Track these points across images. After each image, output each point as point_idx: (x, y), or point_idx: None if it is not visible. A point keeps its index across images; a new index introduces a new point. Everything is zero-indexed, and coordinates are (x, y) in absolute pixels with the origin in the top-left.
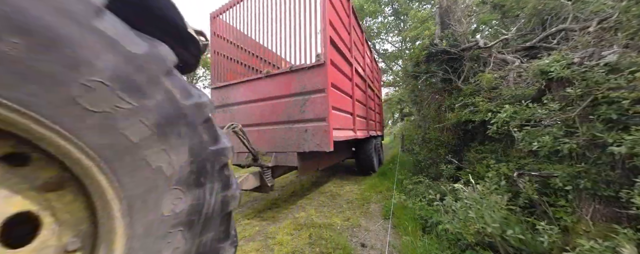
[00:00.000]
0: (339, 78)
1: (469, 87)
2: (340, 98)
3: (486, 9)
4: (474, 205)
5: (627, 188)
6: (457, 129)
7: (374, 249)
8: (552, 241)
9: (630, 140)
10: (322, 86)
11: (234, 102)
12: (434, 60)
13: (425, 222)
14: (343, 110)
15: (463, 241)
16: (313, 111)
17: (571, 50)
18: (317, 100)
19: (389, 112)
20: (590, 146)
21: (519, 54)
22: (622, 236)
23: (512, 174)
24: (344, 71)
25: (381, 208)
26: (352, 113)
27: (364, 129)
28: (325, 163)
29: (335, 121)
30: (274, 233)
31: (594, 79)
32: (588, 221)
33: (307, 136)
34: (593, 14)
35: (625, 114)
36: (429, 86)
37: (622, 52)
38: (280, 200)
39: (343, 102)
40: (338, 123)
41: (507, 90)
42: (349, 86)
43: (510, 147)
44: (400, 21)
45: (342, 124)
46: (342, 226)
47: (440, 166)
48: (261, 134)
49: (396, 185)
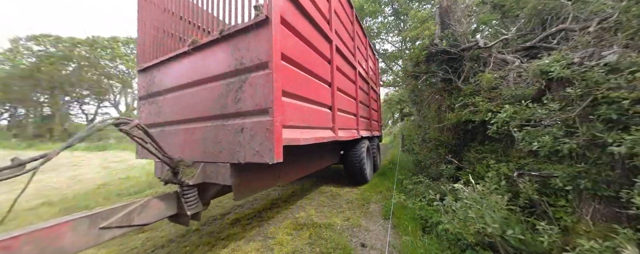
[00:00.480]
0: (298, 48)
1: (469, 87)
2: (301, 80)
3: (486, 9)
4: (474, 205)
5: (627, 188)
6: (457, 129)
7: (374, 249)
8: (552, 241)
9: (630, 140)
10: (264, 57)
11: (160, 90)
12: (434, 60)
13: (425, 222)
14: (310, 100)
15: (463, 241)
16: (251, 99)
17: (571, 50)
18: (257, 80)
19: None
20: (590, 146)
21: (519, 54)
22: (622, 236)
23: (512, 174)
24: (311, 40)
25: (381, 208)
26: (331, 106)
27: (352, 129)
28: (292, 174)
29: (289, 115)
30: (274, 233)
31: (594, 79)
32: (588, 221)
33: (244, 138)
34: (593, 14)
35: (625, 114)
36: (429, 85)
37: (622, 52)
38: (280, 200)
39: (309, 87)
40: (296, 118)
41: (507, 90)
42: (323, 67)
43: (510, 147)
44: (400, 21)
45: (306, 119)
46: (342, 226)
47: (440, 166)
48: (190, 135)
49: (396, 185)
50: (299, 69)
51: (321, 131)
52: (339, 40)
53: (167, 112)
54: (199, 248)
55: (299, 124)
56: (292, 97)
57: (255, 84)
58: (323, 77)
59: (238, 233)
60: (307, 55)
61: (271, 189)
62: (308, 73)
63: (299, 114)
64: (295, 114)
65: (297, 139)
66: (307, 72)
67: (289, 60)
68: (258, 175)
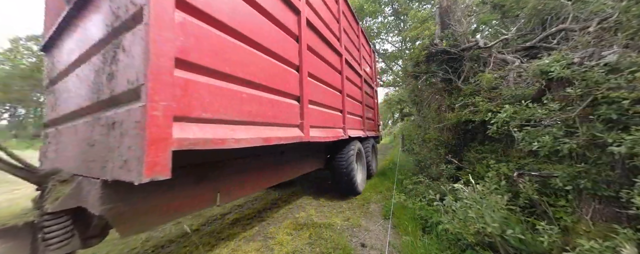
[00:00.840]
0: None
1: (469, 87)
2: (232, 49)
3: (486, 9)
4: (474, 205)
5: (627, 188)
6: (457, 129)
7: (374, 249)
8: (552, 241)
9: (630, 140)
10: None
11: (56, 74)
12: (434, 60)
13: (425, 222)
14: (252, 83)
15: (463, 241)
16: (123, 73)
17: (571, 50)
18: (130, 42)
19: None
20: (590, 146)
21: (519, 54)
22: (622, 236)
23: (512, 174)
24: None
25: (381, 208)
26: (300, 97)
27: (336, 127)
28: (246, 187)
29: (198, 100)
30: (274, 233)
31: (594, 79)
32: (588, 221)
33: (114, 139)
34: (593, 14)
35: (625, 114)
36: (429, 85)
37: (622, 52)
38: (280, 200)
39: (254, 63)
40: (220, 106)
41: (507, 90)
42: (284, 41)
43: (510, 147)
44: (400, 21)
45: (243, 111)
46: (342, 226)
47: (440, 166)
48: (73, 135)
49: (396, 185)
50: (222, 31)
51: (277, 128)
52: (309, 6)
53: (60, 104)
54: (199, 248)
55: (227, 117)
56: (207, 73)
57: (129, 50)
58: (282, 55)
59: (238, 233)
60: (236, 5)
61: (271, 190)
62: (243, 40)
63: (226, 101)
64: (218, 100)
65: (220, 141)
66: (244, 39)
67: (193, 9)
68: (161, 197)
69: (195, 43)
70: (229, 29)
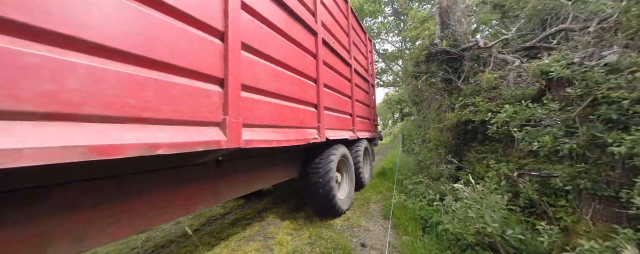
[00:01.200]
0: None
1: (469, 87)
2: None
3: (486, 9)
4: (474, 205)
5: (627, 188)
6: (457, 129)
7: (374, 249)
8: (552, 241)
9: (630, 140)
10: None
11: None
12: (434, 60)
13: (425, 222)
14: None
15: (463, 241)
16: None
17: (571, 50)
18: None
19: (389, 112)
20: (590, 146)
21: (519, 54)
22: (622, 236)
23: (512, 174)
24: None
25: (381, 208)
26: (223, 81)
27: (306, 127)
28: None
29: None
30: (274, 233)
31: (594, 79)
32: (588, 221)
33: None
34: (593, 14)
35: (625, 114)
36: (429, 85)
37: (622, 52)
38: (280, 200)
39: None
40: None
41: (507, 90)
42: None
43: (510, 147)
44: (400, 21)
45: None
46: (342, 226)
47: (440, 166)
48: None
49: (396, 185)
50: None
51: (202, 130)
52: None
53: None
54: (199, 248)
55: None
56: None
57: None
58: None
59: (238, 233)
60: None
61: (271, 189)
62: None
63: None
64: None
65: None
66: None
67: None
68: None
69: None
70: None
